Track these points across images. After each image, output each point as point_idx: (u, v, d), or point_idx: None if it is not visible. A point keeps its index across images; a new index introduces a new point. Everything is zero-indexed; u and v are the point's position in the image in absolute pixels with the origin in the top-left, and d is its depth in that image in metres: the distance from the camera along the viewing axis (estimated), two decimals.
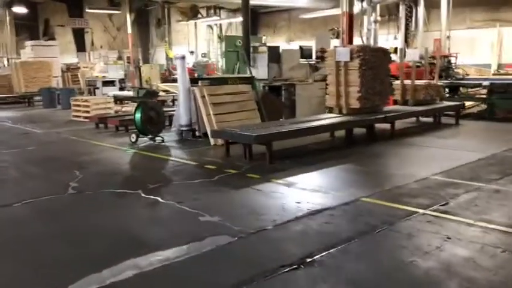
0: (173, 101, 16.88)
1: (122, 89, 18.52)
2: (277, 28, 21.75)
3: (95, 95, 18.02)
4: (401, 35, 15.44)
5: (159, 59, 25.07)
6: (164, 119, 9.59)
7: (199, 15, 20.33)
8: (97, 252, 3.84)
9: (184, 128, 9.36)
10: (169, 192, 5.61)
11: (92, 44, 32.68)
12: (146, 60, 24.24)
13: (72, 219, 4.69)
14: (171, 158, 7.68)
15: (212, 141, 8.68)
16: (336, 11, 17.96)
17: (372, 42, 13.08)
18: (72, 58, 30.54)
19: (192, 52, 21.20)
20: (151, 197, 5.35)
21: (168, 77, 20.54)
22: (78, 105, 13.49)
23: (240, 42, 12.58)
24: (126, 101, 15.00)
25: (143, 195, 5.43)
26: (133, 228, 4.37)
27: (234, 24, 23.18)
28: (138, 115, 9.07)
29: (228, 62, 12.47)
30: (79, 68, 23.60)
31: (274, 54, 10.41)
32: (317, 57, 11.38)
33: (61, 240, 4.13)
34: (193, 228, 4.30)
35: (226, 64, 12.40)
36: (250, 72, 9.95)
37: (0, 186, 6.11)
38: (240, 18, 20.45)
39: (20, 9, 29.04)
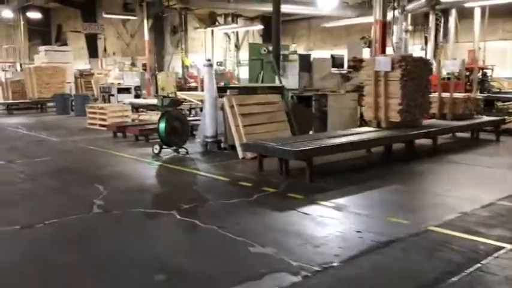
0: (190, 110, 16.39)
1: (137, 96, 18.02)
2: (297, 37, 21.23)
3: (109, 102, 17.53)
4: (430, 46, 14.84)
5: (174, 66, 24.60)
6: (189, 129, 9.02)
7: (216, 23, 19.89)
8: None
9: (209, 140, 8.79)
10: (206, 213, 5.01)
11: (105, 50, 32.36)
12: (161, 68, 23.80)
13: (101, 246, 4.09)
14: (200, 173, 7.08)
15: (241, 154, 8.11)
16: (360, 20, 17.46)
17: (402, 51, 12.48)
18: (84, 64, 30.21)
19: (208, 60, 20.63)
20: (188, 219, 4.76)
21: (183, 85, 20.05)
22: (94, 113, 12.99)
23: (265, 50, 12.00)
24: (142, 109, 14.50)
25: (178, 216, 4.84)
26: (173, 259, 3.77)
27: (251, 32, 22.70)
28: (162, 125, 8.51)
29: (252, 70, 11.91)
30: (92, 74, 23.16)
31: (305, 63, 9.83)
32: (349, 67, 10.80)
33: (93, 273, 3.54)
34: (245, 261, 3.70)
35: (250, 73, 11.84)
36: (280, 82, 9.38)
37: (20, 203, 5.51)
38: (257, 27, 20.01)
39: (34, 15, 28.85)
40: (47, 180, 6.64)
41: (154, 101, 15.89)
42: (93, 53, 33.06)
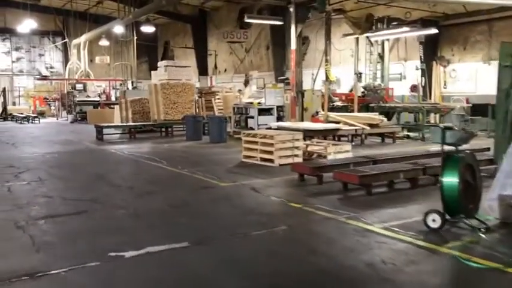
0: (352, 137, 12.65)
1: (279, 118, 14.60)
2: (470, 44, 16.80)
3: (247, 125, 14.26)
4: None
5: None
6: (482, 184, 5.08)
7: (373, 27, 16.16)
8: None
9: None
10: None
11: (215, 67, 29.91)
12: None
13: None
14: None
15: None
16: None
17: None
18: (193, 82, 27.83)
19: (359, 74, 16.95)
20: None
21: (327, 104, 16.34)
22: (254, 142, 9.56)
23: None
24: (310, 138, 10.90)
25: None
26: None
27: (403, 40, 18.57)
28: (453, 179, 4.68)
29: (503, 81, 7.84)
30: (213, 92, 20.31)
31: None
32: None
33: None
34: None
35: (501, 84, 7.79)
36: None
37: None
38: (431, 30, 15.88)
39: (147, 29, 27.08)
40: None
41: (307, 126, 12.40)
42: (202, 70, 30.77)
